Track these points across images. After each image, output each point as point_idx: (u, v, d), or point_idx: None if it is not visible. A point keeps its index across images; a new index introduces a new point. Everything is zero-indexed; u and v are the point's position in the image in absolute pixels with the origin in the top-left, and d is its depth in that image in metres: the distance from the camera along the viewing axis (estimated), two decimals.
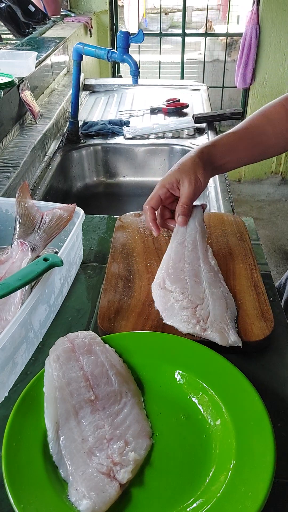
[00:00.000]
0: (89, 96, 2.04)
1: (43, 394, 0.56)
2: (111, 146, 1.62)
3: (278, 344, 0.69)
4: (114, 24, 3.11)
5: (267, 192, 3.53)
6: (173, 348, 0.62)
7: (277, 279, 1.12)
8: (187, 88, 2.12)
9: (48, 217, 0.78)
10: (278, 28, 3.05)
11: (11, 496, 0.46)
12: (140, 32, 1.32)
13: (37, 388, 0.57)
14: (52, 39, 1.98)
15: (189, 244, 0.79)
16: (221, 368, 0.59)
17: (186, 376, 0.59)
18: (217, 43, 4.68)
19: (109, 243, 0.90)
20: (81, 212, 0.80)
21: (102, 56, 1.37)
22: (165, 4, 5.21)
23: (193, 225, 0.81)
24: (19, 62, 1.48)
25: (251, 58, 3.13)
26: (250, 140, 0.85)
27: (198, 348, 0.62)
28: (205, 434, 0.54)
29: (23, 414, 0.54)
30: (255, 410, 0.54)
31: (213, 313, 0.68)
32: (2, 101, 1.25)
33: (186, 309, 0.68)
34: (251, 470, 0.48)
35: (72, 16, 2.69)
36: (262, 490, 0.46)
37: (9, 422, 0.52)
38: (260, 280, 0.77)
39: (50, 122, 1.49)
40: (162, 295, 0.72)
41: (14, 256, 0.73)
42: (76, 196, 1.62)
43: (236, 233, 0.90)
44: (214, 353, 0.61)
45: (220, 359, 0.60)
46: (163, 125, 1.68)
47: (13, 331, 0.57)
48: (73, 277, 0.82)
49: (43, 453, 0.51)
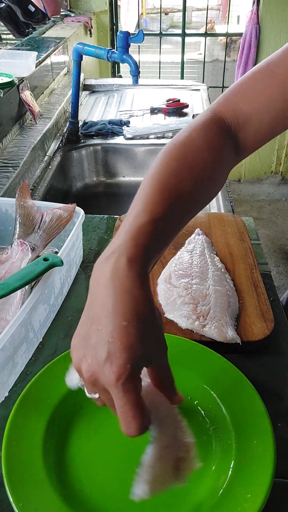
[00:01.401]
0: (89, 96, 2.04)
1: (44, 393, 0.56)
2: (111, 146, 1.62)
3: (278, 344, 0.69)
4: (114, 24, 3.11)
5: (267, 192, 3.53)
6: (172, 349, 0.62)
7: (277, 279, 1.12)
8: (187, 88, 2.12)
9: (48, 217, 0.78)
10: (278, 28, 3.05)
11: (10, 495, 0.46)
12: (140, 32, 1.32)
13: (37, 387, 0.57)
14: (52, 39, 1.98)
15: (197, 251, 0.83)
16: (221, 369, 0.59)
17: (186, 377, 0.59)
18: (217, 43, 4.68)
19: (109, 243, 0.89)
20: (81, 212, 0.80)
21: (102, 56, 1.37)
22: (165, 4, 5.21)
23: (201, 241, 0.86)
24: (19, 62, 1.48)
25: (251, 58, 3.13)
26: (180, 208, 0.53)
27: (198, 349, 0.62)
28: (205, 436, 0.54)
29: (23, 413, 0.54)
30: (255, 410, 0.54)
31: (213, 310, 0.69)
32: (2, 101, 1.25)
33: (187, 305, 0.70)
34: (251, 471, 0.48)
35: (72, 16, 2.69)
36: (262, 492, 0.46)
37: (9, 421, 0.52)
38: (260, 280, 0.77)
39: (50, 122, 1.49)
40: (165, 289, 0.74)
41: (14, 256, 0.73)
42: (76, 196, 1.62)
43: (236, 233, 0.90)
44: (214, 353, 0.61)
45: (220, 359, 0.60)
46: (163, 125, 1.68)
47: (13, 331, 0.57)
48: (73, 277, 0.82)
49: (43, 452, 0.51)
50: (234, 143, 0.62)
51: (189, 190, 0.53)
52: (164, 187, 0.52)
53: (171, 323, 0.69)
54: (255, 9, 3.02)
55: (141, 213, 0.48)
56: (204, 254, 0.82)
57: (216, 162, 0.58)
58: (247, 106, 0.61)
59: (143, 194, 0.51)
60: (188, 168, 0.55)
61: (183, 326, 0.68)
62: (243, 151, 0.64)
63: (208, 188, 0.58)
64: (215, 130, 0.60)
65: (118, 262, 0.43)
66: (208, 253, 0.82)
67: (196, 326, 0.67)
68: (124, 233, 0.46)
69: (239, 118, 0.62)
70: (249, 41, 3.09)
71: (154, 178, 0.53)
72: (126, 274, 0.42)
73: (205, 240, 0.86)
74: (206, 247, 0.84)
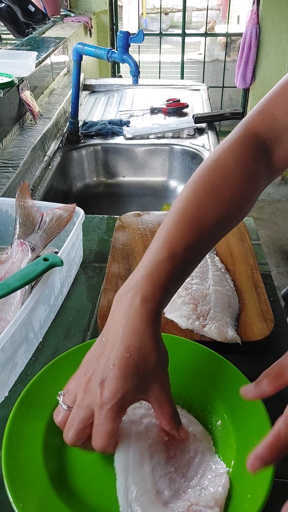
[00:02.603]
0: (89, 96, 2.04)
1: (44, 393, 0.56)
2: (111, 146, 1.62)
3: (278, 344, 0.69)
4: (114, 24, 3.11)
5: (267, 192, 3.53)
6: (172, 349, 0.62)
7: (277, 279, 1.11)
8: (187, 88, 2.11)
9: (48, 217, 0.78)
10: (278, 28, 3.06)
11: (10, 495, 0.46)
12: (140, 32, 1.32)
13: (38, 387, 0.56)
14: (52, 39, 1.98)
15: None
16: (221, 369, 0.59)
17: (186, 377, 0.59)
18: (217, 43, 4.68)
19: (109, 243, 0.89)
20: (81, 212, 0.80)
21: (102, 56, 1.37)
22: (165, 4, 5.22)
23: None
24: (19, 62, 1.48)
25: (251, 58, 3.14)
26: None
27: (198, 349, 0.62)
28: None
29: (23, 414, 0.53)
30: (255, 410, 0.53)
31: (213, 310, 0.69)
32: (2, 101, 1.25)
33: (187, 305, 0.70)
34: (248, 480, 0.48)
35: (72, 16, 2.69)
36: (262, 492, 0.46)
37: (10, 421, 0.52)
38: (260, 280, 0.77)
39: (50, 122, 1.49)
40: None
41: (14, 256, 0.73)
42: (76, 196, 1.62)
43: (236, 233, 0.90)
44: (214, 353, 0.61)
45: (219, 359, 0.60)
46: (163, 125, 1.68)
47: (13, 331, 0.57)
48: (73, 277, 0.82)
49: (44, 452, 0.51)
50: (267, 160, 0.59)
51: (214, 221, 0.52)
52: (186, 221, 0.51)
53: (171, 323, 0.69)
54: (255, 9, 3.02)
55: (160, 249, 0.49)
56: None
57: (248, 184, 0.56)
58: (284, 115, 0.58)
59: (165, 227, 0.52)
60: (215, 197, 0.53)
61: (183, 326, 0.68)
62: (278, 167, 0.61)
63: (237, 213, 0.56)
64: (248, 149, 0.57)
65: (134, 299, 0.47)
66: (208, 253, 0.82)
67: (196, 326, 0.67)
68: (143, 268, 0.49)
69: (276, 130, 0.58)
70: (249, 41, 3.10)
71: (177, 209, 0.53)
72: (139, 311, 0.46)
73: None
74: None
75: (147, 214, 0.97)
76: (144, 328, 0.45)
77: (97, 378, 0.45)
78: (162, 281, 0.47)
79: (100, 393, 0.44)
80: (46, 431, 0.53)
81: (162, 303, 0.48)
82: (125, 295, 0.47)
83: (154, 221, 0.94)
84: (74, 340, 0.70)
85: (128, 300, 0.47)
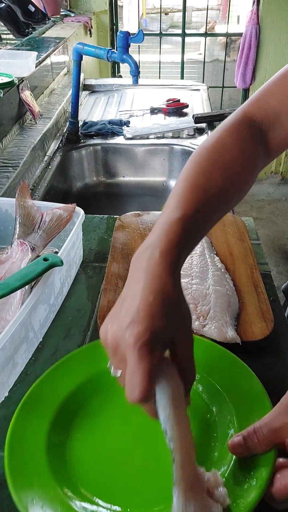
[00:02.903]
0: (89, 96, 2.04)
1: (47, 395, 0.56)
2: (111, 146, 1.62)
3: (278, 344, 0.69)
4: (114, 24, 3.11)
5: (267, 192, 3.53)
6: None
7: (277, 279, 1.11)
8: (187, 88, 2.12)
9: (48, 217, 0.78)
10: (278, 28, 3.05)
11: (13, 495, 0.46)
12: (140, 32, 1.32)
13: (40, 387, 0.57)
14: (52, 39, 1.98)
15: (197, 251, 0.83)
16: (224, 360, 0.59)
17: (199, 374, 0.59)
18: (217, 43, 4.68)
19: (109, 243, 0.89)
20: (81, 212, 0.80)
21: (102, 56, 1.37)
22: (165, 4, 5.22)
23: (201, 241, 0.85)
24: (19, 62, 1.48)
25: (251, 58, 3.14)
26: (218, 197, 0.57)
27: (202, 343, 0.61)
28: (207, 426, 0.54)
29: (25, 415, 0.53)
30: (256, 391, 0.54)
31: (213, 310, 0.69)
32: (2, 101, 1.25)
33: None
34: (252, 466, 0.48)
35: (72, 16, 2.69)
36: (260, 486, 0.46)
37: (13, 421, 0.52)
38: (260, 280, 0.77)
39: (50, 122, 1.49)
40: None
41: (14, 256, 0.73)
42: (76, 196, 1.62)
43: (236, 233, 0.90)
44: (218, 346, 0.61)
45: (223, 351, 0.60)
46: (163, 125, 1.68)
47: (13, 331, 0.57)
48: (73, 277, 0.82)
49: (47, 453, 0.51)
50: (264, 142, 0.63)
51: (218, 188, 0.56)
52: (194, 186, 0.55)
53: None
54: (255, 9, 3.02)
55: (172, 211, 0.52)
56: (204, 254, 0.82)
57: (246, 160, 0.60)
58: (277, 103, 0.63)
59: (174, 194, 0.55)
60: (217, 168, 0.58)
61: None
62: (273, 150, 0.65)
63: (238, 186, 0.59)
64: (245, 130, 0.62)
65: (153, 254, 0.47)
66: (208, 253, 0.82)
67: (196, 326, 0.67)
68: (158, 230, 0.51)
69: (270, 116, 0.63)
70: (249, 41, 3.10)
71: (184, 179, 0.57)
72: (159, 262, 0.46)
73: (205, 240, 0.86)
74: (206, 247, 0.84)
75: (147, 214, 0.97)
76: (165, 276, 0.45)
77: (122, 325, 0.43)
78: (177, 239, 0.49)
79: (129, 335, 0.41)
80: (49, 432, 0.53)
81: (180, 258, 0.49)
82: (143, 253, 0.48)
83: (154, 221, 0.94)
84: (74, 340, 0.70)
85: (147, 256, 0.47)
